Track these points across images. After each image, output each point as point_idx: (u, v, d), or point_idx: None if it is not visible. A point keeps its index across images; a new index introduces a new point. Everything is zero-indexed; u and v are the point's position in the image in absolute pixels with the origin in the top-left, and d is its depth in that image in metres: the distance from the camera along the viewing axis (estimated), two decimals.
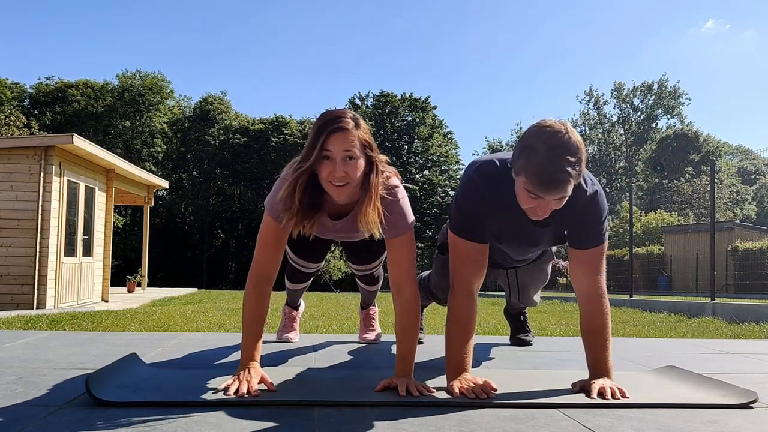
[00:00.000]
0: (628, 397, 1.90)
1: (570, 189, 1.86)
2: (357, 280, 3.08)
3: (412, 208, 2.14)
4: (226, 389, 1.85)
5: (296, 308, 3.35)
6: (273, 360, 2.69)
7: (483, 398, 1.86)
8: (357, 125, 1.95)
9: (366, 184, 1.98)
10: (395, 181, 2.10)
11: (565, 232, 2.19)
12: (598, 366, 2.04)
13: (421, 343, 3.30)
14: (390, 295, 2.20)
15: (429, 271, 3.00)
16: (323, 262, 2.90)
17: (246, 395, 1.82)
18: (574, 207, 2.03)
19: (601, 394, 1.91)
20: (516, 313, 3.38)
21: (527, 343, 3.35)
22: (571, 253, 2.16)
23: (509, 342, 3.41)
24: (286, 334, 3.31)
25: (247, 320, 2.04)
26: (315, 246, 2.59)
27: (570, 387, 2.07)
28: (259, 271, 2.07)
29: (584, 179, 2.05)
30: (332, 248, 3.00)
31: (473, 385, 1.92)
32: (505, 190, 2.01)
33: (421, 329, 3.38)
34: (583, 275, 2.12)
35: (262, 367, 1.99)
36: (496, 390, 1.91)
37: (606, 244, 2.16)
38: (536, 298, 3.14)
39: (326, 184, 1.95)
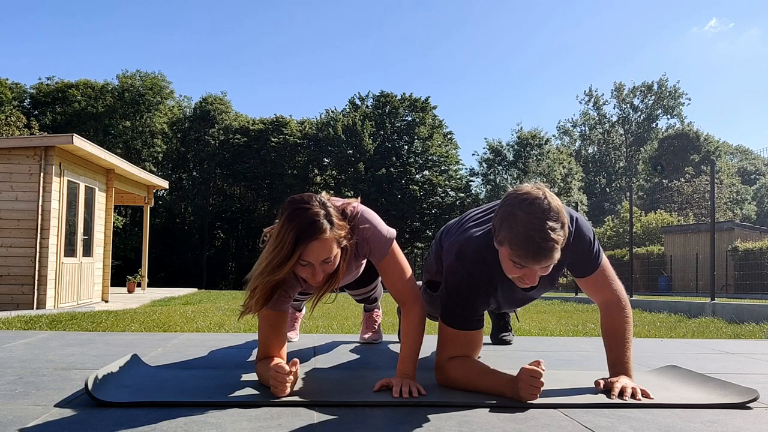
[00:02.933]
0: (652, 398, 1.90)
1: (557, 255, 1.81)
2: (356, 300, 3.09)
3: (411, 209, 2.14)
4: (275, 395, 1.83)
5: (299, 310, 3.36)
6: None
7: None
8: (331, 223, 1.86)
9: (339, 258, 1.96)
10: (354, 205, 2.06)
11: (559, 271, 2.15)
12: (618, 365, 2.05)
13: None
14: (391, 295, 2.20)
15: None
16: None
17: (289, 376, 1.81)
18: (563, 251, 1.96)
19: (622, 393, 1.91)
20: (501, 313, 3.38)
21: (508, 342, 3.38)
22: (578, 281, 2.19)
23: (490, 341, 3.41)
24: (287, 334, 3.31)
25: (265, 371, 1.96)
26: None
27: (570, 387, 2.07)
28: (265, 354, 2.02)
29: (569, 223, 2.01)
30: None
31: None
32: (490, 263, 1.97)
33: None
34: (596, 293, 2.16)
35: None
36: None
37: (605, 260, 2.16)
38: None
39: (303, 277, 1.95)
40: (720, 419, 1.71)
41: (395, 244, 2.11)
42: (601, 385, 2.01)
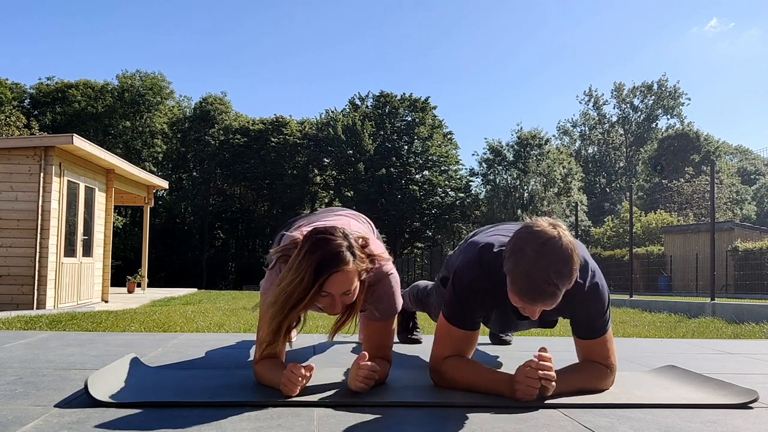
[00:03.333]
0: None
1: (558, 299, 1.77)
2: None
3: (411, 209, 2.14)
4: (287, 396, 1.82)
5: None
6: None
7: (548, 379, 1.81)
8: (353, 255, 1.84)
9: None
10: (389, 267, 2.05)
11: (563, 317, 2.12)
12: (565, 376, 1.95)
13: (419, 342, 3.32)
14: None
15: (430, 285, 2.94)
16: None
17: (302, 379, 1.82)
18: (574, 297, 1.94)
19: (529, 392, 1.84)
20: None
21: (507, 343, 3.36)
22: (576, 342, 2.11)
23: (489, 341, 3.40)
24: None
25: (263, 374, 1.97)
26: None
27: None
28: (264, 350, 1.99)
29: (583, 270, 1.96)
30: None
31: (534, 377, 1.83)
32: (500, 277, 1.91)
33: (418, 329, 3.40)
34: (587, 358, 2.08)
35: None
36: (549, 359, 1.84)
37: (610, 333, 2.08)
38: None
39: (320, 306, 1.93)
40: (720, 419, 1.71)
41: (394, 319, 2.11)
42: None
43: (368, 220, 2.52)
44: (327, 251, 1.80)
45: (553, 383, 1.83)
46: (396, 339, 3.30)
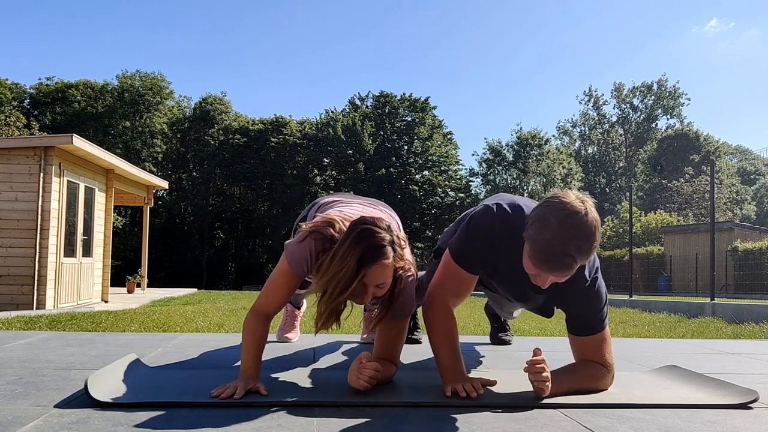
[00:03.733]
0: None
1: (573, 271, 1.79)
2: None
3: (411, 209, 2.15)
4: (213, 394, 1.83)
5: (298, 307, 3.36)
6: (273, 360, 2.69)
7: (477, 394, 1.86)
8: (394, 250, 1.91)
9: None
10: (412, 270, 2.09)
11: (560, 308, 2.14)
12: (558, 376, 1.95)
13: (419, 342, 3.31)
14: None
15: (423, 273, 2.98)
16: None
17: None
18: (573, 290, 1.97)
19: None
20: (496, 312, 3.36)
21: (507, 343, 3.35)
22: (571, 339, 2.12)
23: (489, 341, 3.40)
24: (286, 334, 3.33)
25: (247, 341, 1.99)
26: None
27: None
28: (263, 309, 2.05)
29: (590, 263, 1.98)
30: None
31: (471, 386, 1.90)
32: (516, 240, 1.92)
33: (418, 329, 3.39)
34: (584, 357, 2.09)
35: (270, 368, 2.00)
36: (494, 383, 1.91)
37: (606, 331, 2.09)
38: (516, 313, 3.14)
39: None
40: (720, 419, 1.71)
41: (408, 320, 2.14)
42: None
43: (394, 213, 2.56)
44: (371, 243, 1.87)
45: (548, 384, 1.84)
46: None
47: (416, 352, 2.97)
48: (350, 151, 38.04)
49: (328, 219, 2.06)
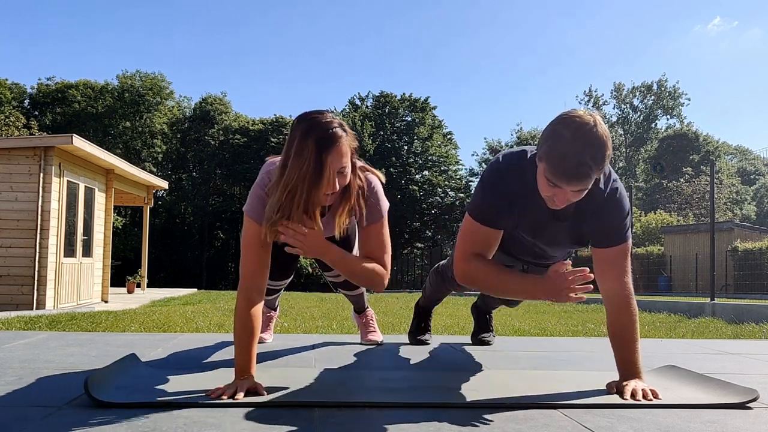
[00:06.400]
0: (660, 399, 1.88)
1: (590, 182, 1.83)
2: (339, 290, 3.00)
3: (411, 209, 2.14)
4: (212, 396, 1.80)
5: (273, 309, 3.30)
6: (273, 361, 2.69)
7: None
8: (345, 132, 1.91)
9: (347, 186, 1.99)
10: (372, 176, 2.14)
11: (585, 233, 2.14)
12: (628, 367, 2.01)
13: (427, 343, 3.27)
14: (390, 296, 2.19)
15: (444, 261, 2.96)
16: (292, 276, 2.77)
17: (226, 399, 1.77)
18: (594, 204, 2.00)
19: (633, 395, 1.89)
20: (484, 311, 3.33)
21: (487, 343, 3.27)
22: (594, 253, 2.11)
23: (470, 341, 3.34)
24: (260, 335, 3.25)
25: (239, 333, 1.93)
26: (281, 262, 2.37)
27: (570, 387, 2.06)
28: (248, 285, 2.01)
29: (605, 175, 2.02)
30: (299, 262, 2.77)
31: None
32: (528, 180, 1.99)
33: (429, 332, 3.32)
34: (609, 276, 2.08)
35: (269, 368, 1.97)
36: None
37: (630, 242, 2.12)
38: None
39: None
40: (720, 419, 1.71)
41: (385, 219, 2.14)
42: (614, 389, 1.99)
43: None
44: (322, 127, 1.85)
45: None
46: (406, 340, 3.30)
47: (418, 352, 2.97)
48: None
49: (265, 167, 2.11)
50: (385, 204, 2.15)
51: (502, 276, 2.06)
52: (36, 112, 38.03)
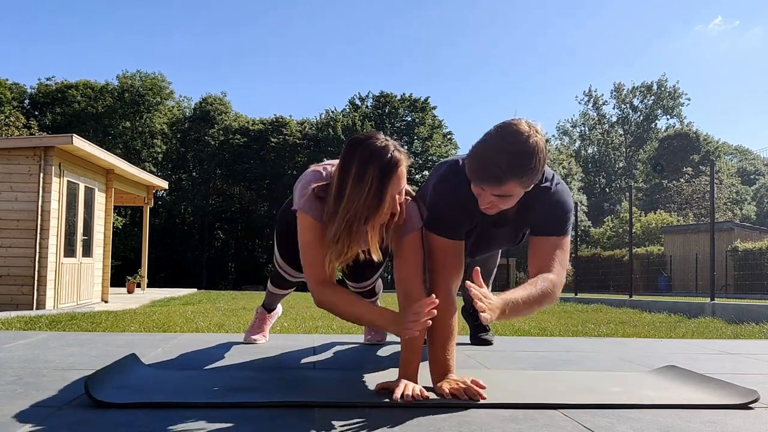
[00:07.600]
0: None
1: (508, 189, 1.78)
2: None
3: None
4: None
5: (270, 311, 3.28)
6: (273, 360, 2.69)
7: (474, 399, 1.80)
8: (401, 154, 1.88)
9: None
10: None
11: (527, 231, 2.11)
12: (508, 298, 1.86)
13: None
14: (390, 296, 2.20)
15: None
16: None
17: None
18: (538, 207, 1.98)
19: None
20: (475, 312, 3.32)
21: (488, 342, 3.28)
22: (531, 243, 2.07)
23: (470, 342, 3.35)
24: (252, 336, 3.19)
25: (358, 308, 1.95)
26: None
27: (570, 387, 2.06)
28: (318, 282, 1.96)
29: (546, 179, 1.99)
30: None
31: (462, 385, 1.84)
32: (469, 188, 1.93)
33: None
34: (539, 260, 2.01)
35: (270, 368, 1.97)
36: (484, 387, 1.82)
37: (569, 239, 2.07)
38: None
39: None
40: (720, 419, 1.71)
41: (420, 232, 2.04)
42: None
43: None
44: (382, 154, 1.82)
45: (486, 315, 1.72)
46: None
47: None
48: None
49: (312, 170, 2.06)
50: (418, 216, 2.06)
51: (441, 336, 1.95)
52: (36, 112, 38.00)
